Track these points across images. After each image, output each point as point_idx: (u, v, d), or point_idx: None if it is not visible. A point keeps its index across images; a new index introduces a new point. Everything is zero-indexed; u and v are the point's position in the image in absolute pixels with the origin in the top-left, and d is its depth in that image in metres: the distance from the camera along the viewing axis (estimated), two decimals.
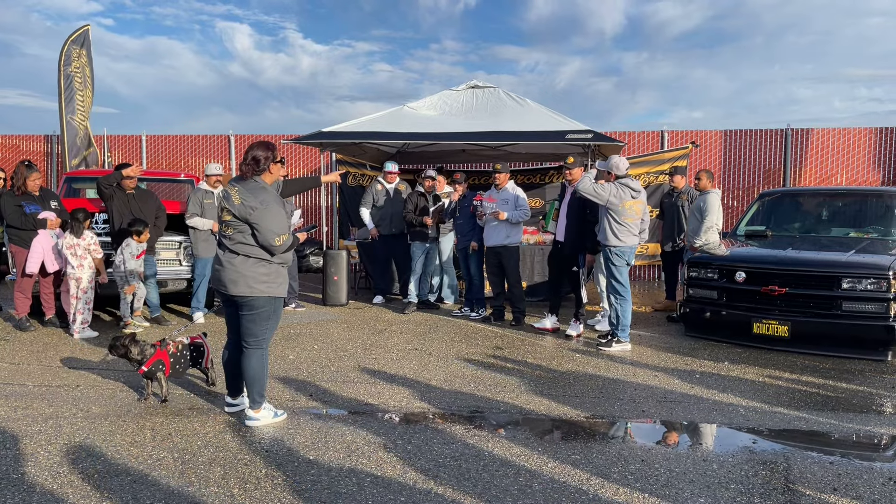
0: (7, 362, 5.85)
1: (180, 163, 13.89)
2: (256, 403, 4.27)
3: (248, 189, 4.07)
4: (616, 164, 6.59)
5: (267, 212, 4.01)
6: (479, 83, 9.77)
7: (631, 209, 6.49)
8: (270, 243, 4.03)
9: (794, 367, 5.91)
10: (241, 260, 4.09)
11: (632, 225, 6.55)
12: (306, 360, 6.06)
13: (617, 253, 6.54)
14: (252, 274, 4.09)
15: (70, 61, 12.34)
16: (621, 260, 6.58)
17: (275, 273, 4.17)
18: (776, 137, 12.15)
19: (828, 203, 8.19)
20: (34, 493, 3.26)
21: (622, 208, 6.45)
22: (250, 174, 4.14)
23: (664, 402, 4.92)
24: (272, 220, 4.02)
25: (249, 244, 4.08)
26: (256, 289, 4.10)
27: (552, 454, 3.83)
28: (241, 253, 4.09)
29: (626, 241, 6.53)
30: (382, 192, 9.14)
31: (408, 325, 7.78)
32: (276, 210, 4.07)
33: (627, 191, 6.50)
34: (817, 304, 6.24)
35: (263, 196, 4.05)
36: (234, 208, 4.02)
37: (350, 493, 3.30)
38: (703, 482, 3.46)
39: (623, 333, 6.60)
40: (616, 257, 6.56)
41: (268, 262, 4.13)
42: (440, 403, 4.82)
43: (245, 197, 4.02)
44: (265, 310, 4.18)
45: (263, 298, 4.14)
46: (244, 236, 4.07)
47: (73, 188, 9.53)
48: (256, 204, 3.99)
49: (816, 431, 4.32)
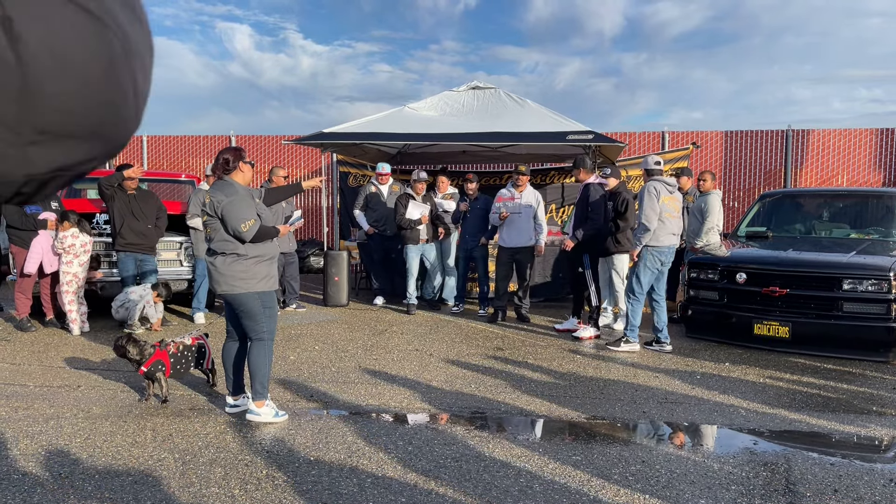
0: (8, 363, 5.86)
1: (181, 163, 13.90)
2: (258, 395, 4.36)
3: (217, 187, 4.30)
4: (646, 160, 6.53)
5: (232, 202, 4.17)
6: (480, 84, 9.77)
7: (667, 205, 6.36)
8: (238, 229, 4.17)
9: (794, 369, 5.91)
10: (220, 260, 4.26)
11: (670, 222, 6.36)
12: (307, 360, 6.06)
13: (653, 253, 6.34)
14: (230, 272, 4.24)
15: None
16: (655, 262, 6.38)
17: (252, 269, 4.28)
18: (777, 138, 12.15)
19: (828, 204, 8.19)
20: (35, 494, 3.26)
21: (661, 204, 6.31)
22: (220, 173, 4.38)
23: (665, 403, 4.92)
24: (237, 208, 4.17)
25: (225, 240, 4.23)
26: (237, 286, 4.24)
27: (553, 455, 3.83)
28: (218, 252, 4.26)
29: (665, 241, 6.37)
30: (376, 193, 9.13)
31: (409, 325, 7.78)
32: (241, 200, 4.22)
33: (662, 186, 6.37)
34: (818, 305, 6.24)
35: (230, 190, 4.25)
36: (207, 206, 4.24)
37: (351, 494, 3.30)
38: (703, 483, 3.46)
39: (632, 333, 6.55)
40: (651, 258, 6.35)
41: (244, 259, 4.24)
42: (441, 404, 4.82)
43: (214, 194, 4.24)
44: (251, 306, 4.29)
45: (245, 295, 4.26)
46: (220, 234, 4.23)
47: (74, 188, 9.54)
48: (222, 197, 4.19)
49: (817, 433, 4.32)
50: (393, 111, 9.59)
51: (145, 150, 13.97)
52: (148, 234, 7.36)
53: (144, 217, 7.33)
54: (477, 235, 8.36)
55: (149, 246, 7.39)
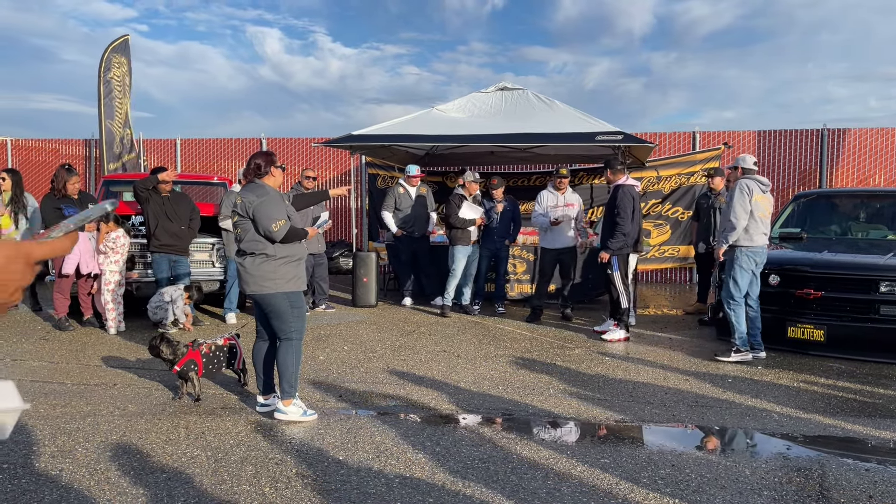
0: (47, 361, 6.01)
1: (213, 166, 14.12)
2: (286, 394, 4.44)
3: (249, 189, 4.39)
4: (744, 158, 6.33)
5: (262, 203, 4.27)
6: (508, 85, 9.76)
7: (760, 204, 6.17)
8: (269, 229, 4.25)
9: (829, 373, 5.79)
10: (249, 260, 4.34)
11: (763, 222, 6.14)
12: (336, 360, 6.11)
13: (748, 254, 6.10)
14: (259, 273, 4.32)
15: (110, 67, 12.61)
16: (750, 262, 6.13)
17: (280, 269, 4.35)
18: (811, 138, 11.91)
19: (865, 205, 8.01)
20: (72, 490, 3.35)
21: (753, 203, 6.12)
22: (252, 178, 4.47)
23: (695, 406, 4.86)
24: (268, 208, 4.27)
25: (254, 240, 4.32)
26: (265, 287, 4.32)
27: (581, 457, 3.81)
28: (248, 252, 4.34)
29: (758, 241, 6.14)
30: (405, 195, 9.16)
31: (436, 326, 7.81)
32: (272, 200, 4.32)
33: (755, 184, 6.19)
34: (854, 307, 6.10)
35: (261, 191, 4.34)
36: (238, 207, 4.33)
37: (379, 494, 3.32)
38: (734, 488, 3.42)
39: (741, 341, 6.16)
40: (746, 259, 6.10)
41: (272, 259, 4.32)
42: (469, 405, 4.83)
43: (245, 195, 4.34)
44: (280, 306, 4.37)
45: (274, 295, 4.34)
46: (250, 234, 4.32)
47: (110, 191, 9.76)
48: (254, 198, 4.29)
49: (852, 438, 4.23)
50: (421, 113, 9.63)
51: (179, 153, 14.22)
52: (181, 235, 7.50)
53: (178, 218, 7.47)
54: (503, 237, 8.56)
55: (182, 247, 7.54)
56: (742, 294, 6.17)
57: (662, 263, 11.65)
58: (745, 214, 6.09)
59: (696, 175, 11.10)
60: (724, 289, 6.26)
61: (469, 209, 8.32)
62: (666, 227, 11.42)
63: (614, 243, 6.99)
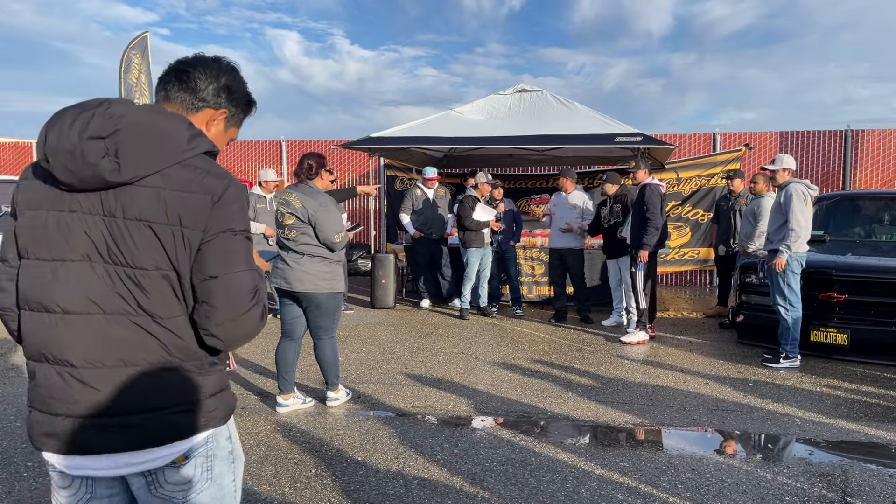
0: None
1: (233, 168, 14.25)
2: (334, 385, 4.77)
3: (306, 193, 4.47)
4: (788, 159, 6.20)
5: (327, 211, 4.40)
6: (527, 87, 9.75)
7: (809, 209, 6.09)
8: (331, 240, 4.40)
9: (853, 377, 5.71)
10: (306, 259, 4.46)
11: (809, 227, 6.07)
12: (355, 362, 6.14)
13: (798, 259, 6.01)
14: (316, 272, 4.46)
15: (130, 68, 12.77)
16: (800, 266, 6.04)
17: (335, 271, 4.55)
18: (835, 139, 11.76)
19: (889, 207, 7.89)
20: None
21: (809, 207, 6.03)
22: (304, 178, 4.55)
23: (716, 410, 4.82)
24: (332, 219, 4.42)
25: (312, 244, 4.44)
26: (321, 286, 4.48)
27: (600, 461, 3.80)
28: (305, 253, 4.46)
29: (805, 246, 6.05)
30: (422, 197, 9.18)
31: (454, 328, 7.81)
32: (334, 210, 4.47)
33: (806, 188, 6.07)
34: (878, 311, 6.02)
35: (322, 198, 4.45)
36: (297, 211, 4.41)
37: (397, 495, 3.34)
38: (756, 493, 3.38)
39: (793, 348, 6.04)
40: (796, 264, 6.01)
41: (329, 261, 4.50)
42: (487, 408, 4.83)
43: (304, 200, 4.42)
44: (332, 304, 4.59)
45: (329, 294, 4.53)
46: (307, 237, 4.43)
47: None
48: (317, 206, 4.39)
49: (876, 443, 4.17)
50: (439, 115, 9.65)
51: None
52: None
53: None
54: (507, 237, 8.73)
55: None
56: (799, 297, 6.04)
57: (682, 266, 11.56)
58: (805, 222, 5.98)
59: (716, 177, 11.01)
60: (778, 296, 6.07)
61: (483, 211, 8.34)
62: (686, 229, 11.34)
63: (649, 238, 6.91)
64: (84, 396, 1.45)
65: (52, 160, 1.42)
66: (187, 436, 1.52)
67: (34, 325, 1.49)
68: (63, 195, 1.46)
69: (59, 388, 1.46)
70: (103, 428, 1.46)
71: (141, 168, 1.43)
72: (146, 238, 1.44)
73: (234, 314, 1.49)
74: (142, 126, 1.44)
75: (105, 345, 1.45)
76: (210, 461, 1.58)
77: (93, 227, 1.45)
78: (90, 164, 1.40)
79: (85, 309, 1.45)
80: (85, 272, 1.45)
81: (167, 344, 1.48)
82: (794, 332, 6.03)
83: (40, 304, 1.47)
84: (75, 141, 1.40)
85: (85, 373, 1.45)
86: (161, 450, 1.49)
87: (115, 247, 1.44)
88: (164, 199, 1.44)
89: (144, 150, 1.43)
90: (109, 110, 1.43)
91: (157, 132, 1.46)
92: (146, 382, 1.47)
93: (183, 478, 1.54)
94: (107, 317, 1.46)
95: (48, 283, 1.46)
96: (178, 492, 1.54)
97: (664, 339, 7.26)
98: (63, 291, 1.46)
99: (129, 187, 1.44)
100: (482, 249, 8.41)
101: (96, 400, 1.45)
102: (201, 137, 1.54)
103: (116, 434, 1.46)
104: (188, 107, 1.64)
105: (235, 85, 1.70)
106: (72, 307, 1.45)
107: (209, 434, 1.57)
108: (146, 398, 1.47)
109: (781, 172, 6.18)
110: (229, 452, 1.64)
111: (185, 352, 1.51)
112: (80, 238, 1.45)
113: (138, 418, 1.46)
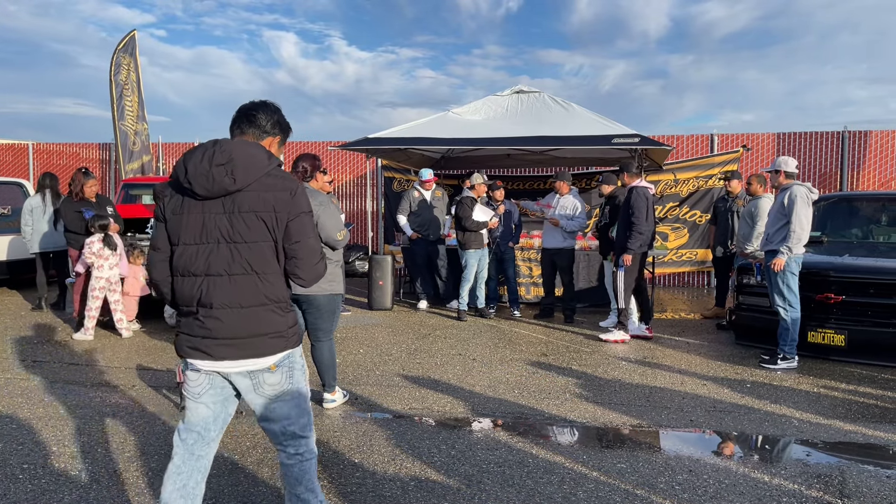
0: (66, 362, 6.09)
1: None
2: (331, 387, 4.76)
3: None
4: (786, 162, 6.19)
5: (327, 210, 4.37)
6: (525, 88, 9.74)
7: (810, 211, 6.10)
8: (333, 238, 4.39)
9: (850, 378, 5.71)
10: None
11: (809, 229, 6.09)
12: (352, 363, 6.13)
13: (796, 260, 6.02)
14: None
15: (120, 69, 12.72)
16: (798, 267, 6.05)
17: (335, 272, 4.53)
18: (832, 140, 11.77)
19: (887, 208, 7.90)
20: (91, 490, 3.39)
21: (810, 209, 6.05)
22: (300, 180, 4.48)
23: (713, 411, 4.82)
24: (333, 217, 4.41)
25: None
26: (324, 288, 4.47)
27: (597, 463, 3.79)
28: None
29: (803, 247, 6.07)
30: (419, 198, 9.17)
31: (452, 330, 7.81)
32: (333, 209, 4.46)
33: (807, 191, 6.07)
34: (876, 312, 6.02)
35: (321, 198, 4.41)
36: None
37: (394, 497, 3.32)
38: (753, 494, 3.38)
39: (791, 349, 6.06)
40: (795, 265, 6.02)
41: (330, 262, 4.45)
42: (484, 409, 4.82)
43: None
44: (332, 306, 4.59)
45: (329, 296, 4.54)
46: None
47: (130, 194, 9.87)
48: (316, 205, 4.33)
49: (874, 444, 4.17)
50: (437, 116, 9.63)
51: None
52: None
53: None
54: (506, 239, 8.72)
55: None
56: (798, 299, 6.05)
57: (680, 267, 11.57)
58: (807, 224, 6.00)
59: (714, 178, 11.02)
60: (777, 298, 6.08)
61: (481, 211, 8.33)
62: (683, 230, 11.35)
63: (633, 243, 6.98)
64: (216, 325, 2.34)
65: (192, 181, 2.29)
66: (277, 352, 2.42)
67: (186, 286, 2.37)
68: (198, 202, 2.33)
69: (202, 321, 2.35)
70: (227, 345, 2.36)
71: (247, 180, 2.31)
72: (254, 222, 2.32)
73: (311, 263, 2.42)
74: (243, 154, 2.32)
75: (230, 294, 2.33)
76: (290, 370, 2.49)
77: (218, 220, 2.32)
78: (218, 182, 2.28)
79: (217, 272, 2.33)
80: (216, 249, 2.33)
81: (265, 293, 2.37)
82: (794, 333, 6.03)
83: (189, 272, 2.36)
84: (207, 168, 2.28)
85: (218, 312, 2.34)
86: (261, 360, 2.40)
87: (233, 231, 2.32)
88: (263, 197, 2.33)
89: (247, 169, 2.31)
90: (222, 148, 2.31)
91: (251, 157, 2.33)
92: (253, 317, 2.37)
93: (274, 380, 2.45)
94: (230, 277, 2.34)
95: (194, 258, 2.34)
96: (270, 389, 2.45)
97: (662, 340, 7.25)
98: (204, 263, 2.34)
99: (240, 193, 2.32)
100: (480, 250, 8.41)
101: (224, 328, 2.34)
102: (274, 156, 2.44)
103: (235, 349, 2.36)
104: (257, 137, 2.52)
105: (282, 119, 2.61)
106: (210, 272, 2.33)
107: (289, 352, 2.48)
108: (253, 327, 2.37)
109: (783, 174, 6.19)
110: (301, 366, 2.56)
111: (276, 298, 2.40)
112: (211, 228, 2.32)
113: (248, 340, 2.37)
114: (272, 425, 2.52)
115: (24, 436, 4.15)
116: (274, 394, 2.45)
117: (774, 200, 6.39)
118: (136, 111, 13.16)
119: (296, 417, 2.53)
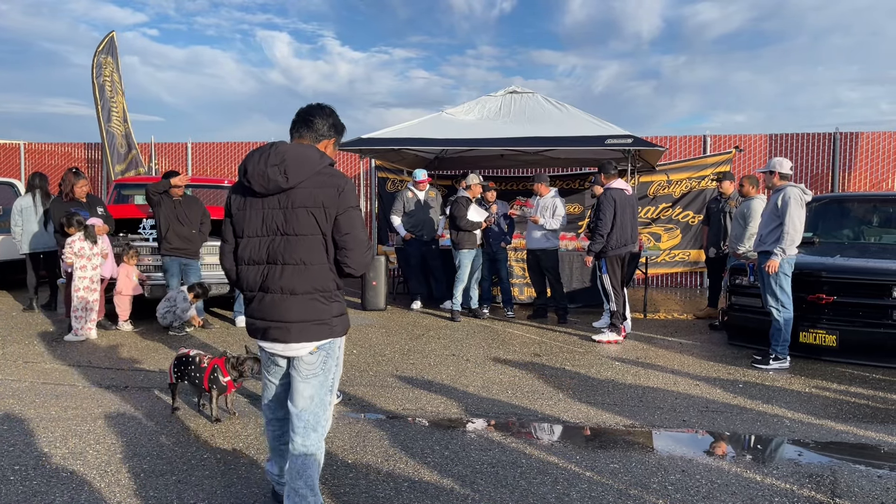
0: (59, 363, 6.05)
1: (224, 169, 14.20)
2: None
3: None
4: (780, 163, 6.18)
5: None
6: (518, 88, 9.76)
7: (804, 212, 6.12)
8: None
9: (842, 378, 5.74)
10: None
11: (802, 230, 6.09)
12: (345, 364, 6.12)
13: (789, 261, 6.03)
14: None
15: (101, 71, 12.65)
16: (791, 268, 6.08)
17: None
18: (824, 141, 11.84)
19: (878, 209, 7.95)
20: (82, 492, 3.37)
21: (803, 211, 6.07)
22: None
23: (706, 411, 4.83)
24: None
25: None
26: None
27: (590, 463, 3.80)
28: None
29: (796, 248, 6.07)
30: (413, 199, 9.17)
31: (445, 330, 7.80)
32: None
33: (801, 192, 6.09)
34: (867, 313, 6.05)
35: None
36: None
37: (387, 498, 3.32)
38: (745, 494, 3.39)
39: (783, 349, 6.09)
40: (787, 266, 6.03)
41: None
42: (477, 410, 4.82)
43: None
44: None
45: None
46: None
47: (122, 195, 9.83)
48: None
49: (865, 444, 4.19)
50: (430, 116, 9.64)
51: (190, 157, 14.31)
52: (192, 238, 7.53)
53: (189, 222, 7.51)
54: (499, 239, 8.75)
55: (193, 250, 7.57)
56: (790, 299, 6.07)
57: (673, 268, 11.61)
58: (800, 225, 6.02)
59: (706, 179, 11.06)
60: (770, 299, 6.09)
61: (475, 212, 8.34)
62: (676, 231, 11.39)
63: (593, 245, 7.19)
64: (274, 310, 2.69)
65: (251, 180, 2.63)
66: (320, 339, 2.73)
67: (250, 273, 2.73)
68: (258, 199, 2.68)
69: (267, 304, 2.71)
70: (281, 329, 2.69)
71: (299, 178, 2.61)
72: (305, 217, 2.62)
73: (360, 254, 2.70)
74: (295, 155, 2.62)
75: (285, 282, 2.66)
76: (327, 357, 2.79)
77: (275, 215, 2.65)
78: (272, 180, 2.59)
79: (275, 261, 2.67)
80: (274, 241, 2.66)
81: (314, 282, 2.67)
82: (786, 333, 6.06)
83: (253, 261, 2.71)
84: (263, 168, 2.60)
85: (276, 297, 2.68)
86: (307, 345, 2.72)
87: (287, 225, 2.63)
88: (314, 194, 2.62)
89: (299, 168, 2.60)
90: (277, 149, 2.62)
91: (304, 157, 2.63)
92: (303, 304, 2.68)
93: (311, 361, 2.75)
94: (285, 266, 2.66)
95: (256, 249, 2.69)
96: (305, 369, 2.75)
97: (654, 341, 7.28)
98: (264, 253, 2.68)
99: (293, 190, 2.62)
100: (474, 251, 8.42)
101: (279, 313, 2.68)
102: (326, 156, 2.72)
103: (287, 332, 2.69)
104: (313, 140, 2.82)
105: (337, 122, 2.89)
106: (269, 261, 2.68)
107: (330, 340, 2.78)
108: (302, 313, 2.68)
109: (778, 176, 6.21)
110: (337, 357, 2.86)
111: (323, 287, 2.71)
112: (269, 222, 2.66)
113: (298, 325, 2.68)
114: (292, 407, 2.78)
115: (14, 437, 4.13)
116: (305, 374, 2.75)
117: (768, 201, 6.42)
118: (122, 112, 13.11)
119: (313, 407, 2.77)
